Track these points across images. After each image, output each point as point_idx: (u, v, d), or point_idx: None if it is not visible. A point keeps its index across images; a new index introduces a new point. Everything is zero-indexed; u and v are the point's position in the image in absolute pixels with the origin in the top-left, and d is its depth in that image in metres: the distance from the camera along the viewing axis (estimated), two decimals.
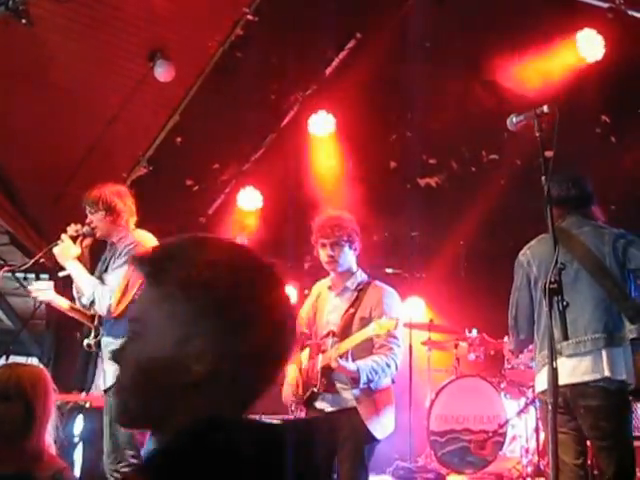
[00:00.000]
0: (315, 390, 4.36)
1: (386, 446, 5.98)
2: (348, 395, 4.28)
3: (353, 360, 4.17)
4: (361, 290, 4.44)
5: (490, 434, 6.34)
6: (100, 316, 4.64)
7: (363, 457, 4.28)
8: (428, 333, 7.25)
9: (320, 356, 4.37)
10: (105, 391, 4.58)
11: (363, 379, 4.14)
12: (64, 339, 7.41)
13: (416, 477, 6.39)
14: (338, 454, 4.30)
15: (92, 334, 4.65)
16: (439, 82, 6.67)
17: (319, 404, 4.40)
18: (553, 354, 3.13)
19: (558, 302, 3.23)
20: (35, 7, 5.81)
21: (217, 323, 1.32)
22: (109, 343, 4.55)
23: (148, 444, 1.45)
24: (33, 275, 7.71)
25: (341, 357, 4.15)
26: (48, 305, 6.24)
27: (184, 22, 6.55)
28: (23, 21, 6.08)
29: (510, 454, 6.40)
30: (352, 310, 4.38)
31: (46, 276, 7.84)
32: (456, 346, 7.06)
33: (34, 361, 7.84)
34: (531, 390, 6.39)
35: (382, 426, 4.31)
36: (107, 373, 4.53)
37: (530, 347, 6.18)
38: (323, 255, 4.45)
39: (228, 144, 7.65)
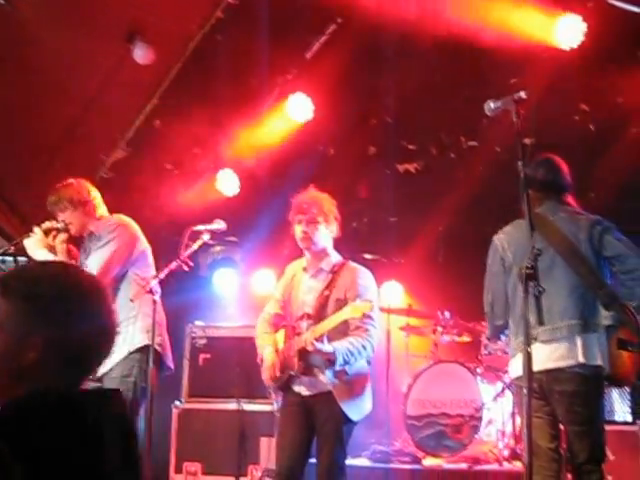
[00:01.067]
0: (292, 373, 4.40)
1: (363, 430, 6.02)
2: (324, 378, 4.33)
3: (329, 342, 4.20)
4: (336, 271, 4.48)
5: (467, 418, 6.44)
6: None
7: (342, 439, 4.37)
8: (406, 318, 7.32)
9: (296, 339, 4.41)
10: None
11: (340, 361, 4.17)
12: None
13: (393, 460, 6.45)
14: (317, 436, 4.41)
15: None
16: (416, 68, 6.69)
17: (297, 388, 4.46)
18: (528, 339, 3.18)
19: (534, 288, 3.27)
20: None
21: (46, 324, 1.85)
22: None
23: None
24: (11, 259, 7.69)
25: (317, 340, 4.16)
26: None
27: (163, 4, 6.55)
28: (2, 2, 6.08)
29: (486, 438, 6.53)
30: (327, 292, 4.42)
31: (24, 259, 7.82)
32: (434, 331, 7.10)
33: None
34: (507, 375, 6.48)
35: (358, 408, 4.39)
36: None
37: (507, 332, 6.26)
38: (298, 231, 4.50)
39: (208, 128, 7.63)
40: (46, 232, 4.80)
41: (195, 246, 4.65)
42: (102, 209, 4.93)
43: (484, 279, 4.30)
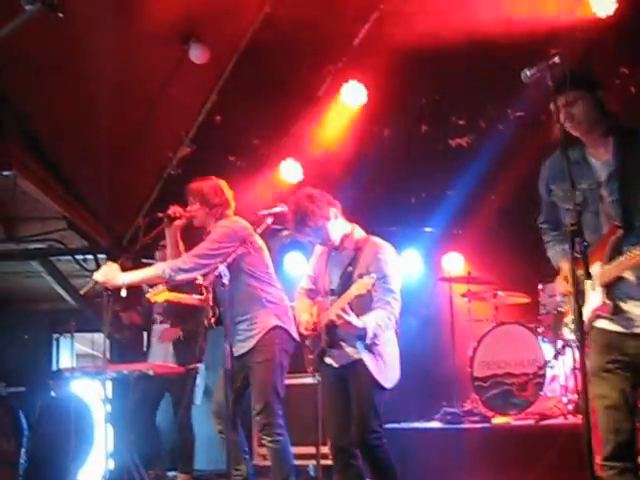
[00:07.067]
0: (321, 347, 4.62)
1: (433, 393, 6.28)
2: (351, 350, 4.52)
3: (357, 317, 4.35)
4: (359, 248, 4.62)
5: (531, 376, 6.64)
6: (214, 297, 4.95)
7: (374, 406, 4.51)
8: (467, 285, 7.57)
9: (322, 314, 4.60)
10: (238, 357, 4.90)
11: (370, 334, 4.34)
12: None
13: (463, 421, 6.68)
14: (352, 403, 4.57)
15: (210, 313, 4.96)
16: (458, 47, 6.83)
17: (328, 360, 4.66)
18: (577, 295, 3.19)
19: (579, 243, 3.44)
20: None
21: None
22: (234, 316, 4.84)
23: None
24: (92, 257, 8.12)
25: (343, 312, 4.30)
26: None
27: (214, 4, 6.74)
28: (60, 14, 6.36)
29: (551, 394, 6.71)
30: (350, 268, 4.57)
31: (103, 256, 8.27)
32: (494, 296, 7.33)
33: (100, 336, 8.29)
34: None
35: (387, 376, 4.55)
36: (237, 344, 4.90)
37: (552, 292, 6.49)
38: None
39: (265, 119, 7.90)
40: (170, 218, 5.09)
41: (259, 229, 4.86)
42: (228, 212, 5.10)
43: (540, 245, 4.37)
